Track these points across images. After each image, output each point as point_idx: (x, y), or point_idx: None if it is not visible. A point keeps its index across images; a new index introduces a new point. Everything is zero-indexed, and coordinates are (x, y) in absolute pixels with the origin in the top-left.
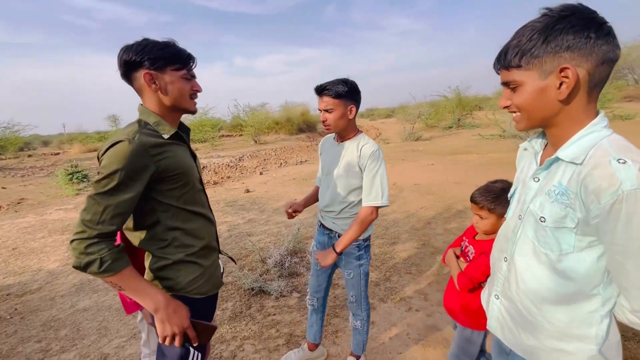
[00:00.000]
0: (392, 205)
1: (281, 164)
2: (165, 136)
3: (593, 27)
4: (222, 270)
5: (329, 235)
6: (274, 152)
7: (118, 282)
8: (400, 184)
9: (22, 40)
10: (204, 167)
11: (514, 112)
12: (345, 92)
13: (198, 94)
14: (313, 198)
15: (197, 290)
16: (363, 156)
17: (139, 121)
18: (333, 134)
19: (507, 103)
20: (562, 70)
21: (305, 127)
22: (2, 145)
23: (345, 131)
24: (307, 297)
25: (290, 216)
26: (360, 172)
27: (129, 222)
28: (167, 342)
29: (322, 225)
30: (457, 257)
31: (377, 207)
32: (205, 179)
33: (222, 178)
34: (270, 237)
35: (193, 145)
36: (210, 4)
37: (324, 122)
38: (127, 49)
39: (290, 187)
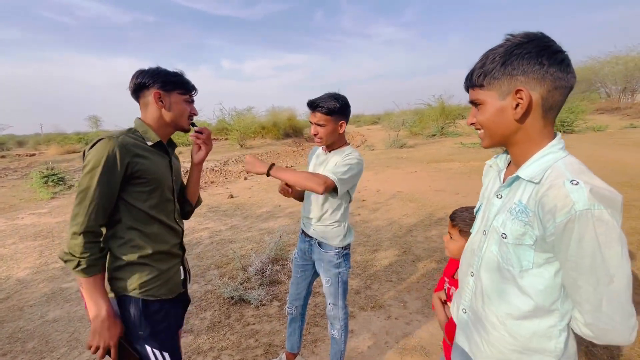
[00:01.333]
0: (375, 212)
1: None
2: (149, 143)
3: (546, 54)
4: (182, 277)
5: (309, 242)
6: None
7: (82, 282)
8: (383, 191)
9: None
10: (186, 172)
11: (479, 129)
12: (337, 108)
13: (194, 116)
14: (298, 193)
15: (149, 293)
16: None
17: (129, 128)
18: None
19: (473, 120)
20: (517, 92)
21: (292, 132)
22: None
23: (334, 143)
24: (287, 305)
25: (286, 191)
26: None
27: None
28: (91, 351)
29: (303, 233)
30: (444, 302)
31: (327, 183)
32: None
33: (205, 183)
34: (252, 244)
35: (177, 149)
36: (196, 5)
37: (315, 134)
38: (142, 72)
39: (275, 193)
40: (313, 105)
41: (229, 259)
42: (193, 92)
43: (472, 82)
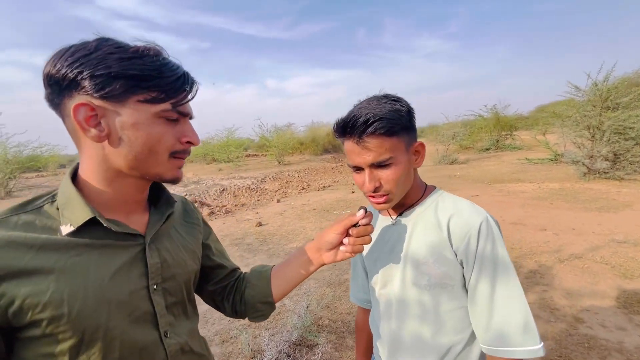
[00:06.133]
0: None
1: (303, 187)
2: (64, 230)
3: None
4: None
5: None
6: (297, 173)
7: None
8: None
9: None
10: (223, 190)
11: None
12: (404, 118)
13: (191, 148)
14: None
15: None
16: (459, 237)
17: (44, 195)
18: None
19: None
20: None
21: (331, 147)
22: (39, 163)
23: (411, 192)
24: None
25: None
26: (459, 269)
27: None
28: None
29: None
30: None
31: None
32: (221, 203)
33: (236, 206)
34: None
35: (217, 166)
36: (246, 30)
37: (375, 189)
38: (58, 54)
39: (309, 221)
40: (355, 124)
41: (236, 333)
42: (183, 93)
43: None
